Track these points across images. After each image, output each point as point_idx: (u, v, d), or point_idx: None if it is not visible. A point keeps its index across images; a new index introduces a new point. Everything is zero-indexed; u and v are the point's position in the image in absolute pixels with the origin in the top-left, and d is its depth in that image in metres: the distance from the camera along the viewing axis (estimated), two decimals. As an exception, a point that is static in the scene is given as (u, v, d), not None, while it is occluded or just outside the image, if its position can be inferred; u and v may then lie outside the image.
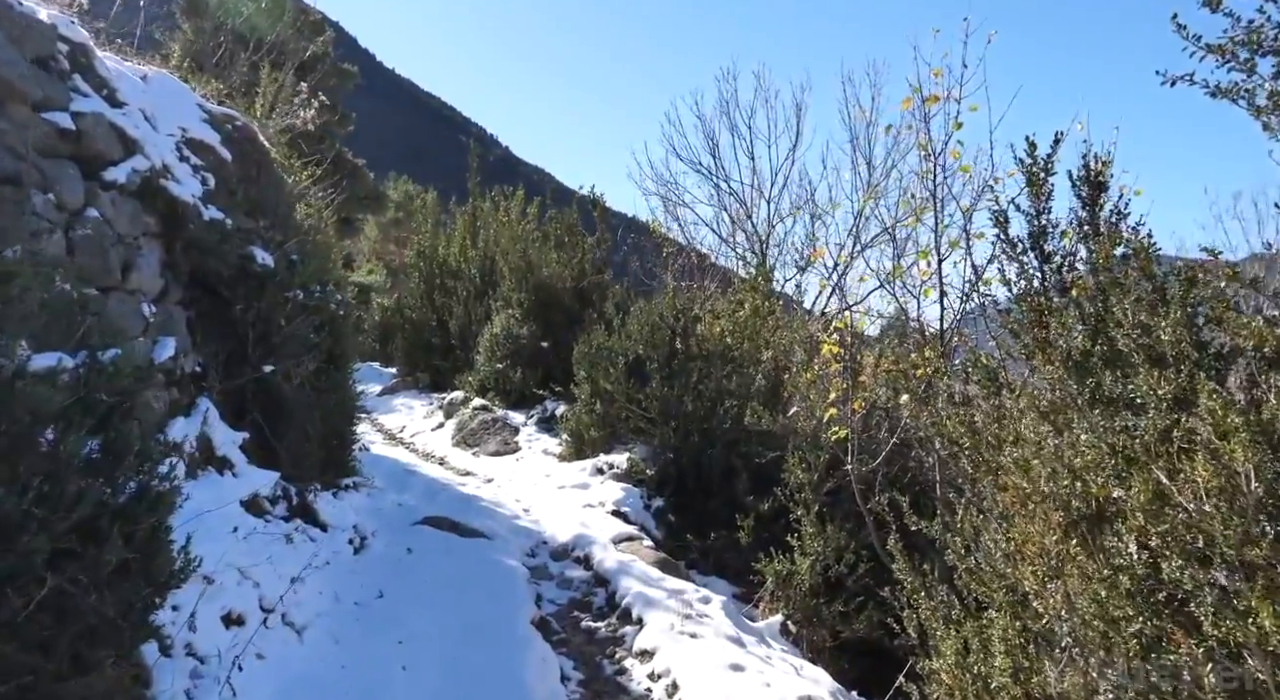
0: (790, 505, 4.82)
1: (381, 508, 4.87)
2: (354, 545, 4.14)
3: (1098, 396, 2.43)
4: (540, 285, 8.08)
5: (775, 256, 10.79)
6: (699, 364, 6.11)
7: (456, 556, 4.24)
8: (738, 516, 5.19)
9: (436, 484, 5.74)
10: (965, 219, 4.25)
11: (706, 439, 5.84)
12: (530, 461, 6.59)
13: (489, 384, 7.93)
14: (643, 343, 6.33)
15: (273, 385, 4.17)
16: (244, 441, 3.96)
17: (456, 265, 9.87)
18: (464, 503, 5.33)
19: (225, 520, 3.17)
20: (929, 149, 4.41)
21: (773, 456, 5.62)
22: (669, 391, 6.01)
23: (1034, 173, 3.13)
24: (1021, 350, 3.08)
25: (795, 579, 4.62)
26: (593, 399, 6.47)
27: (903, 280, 4.55)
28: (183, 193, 3.77)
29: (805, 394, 4.74)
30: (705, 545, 5.44)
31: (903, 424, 4.06)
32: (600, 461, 6.08)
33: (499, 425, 7.22)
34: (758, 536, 5.26)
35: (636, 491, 5.67)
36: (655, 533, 5.52)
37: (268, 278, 4.25)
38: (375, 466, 5.95)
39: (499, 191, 10.27)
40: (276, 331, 4.24)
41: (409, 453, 7.08)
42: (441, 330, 9.48)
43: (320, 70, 16.23)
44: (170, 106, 4.15)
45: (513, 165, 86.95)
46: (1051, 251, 3.10)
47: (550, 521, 5.13)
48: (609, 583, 4.22)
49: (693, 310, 6.28)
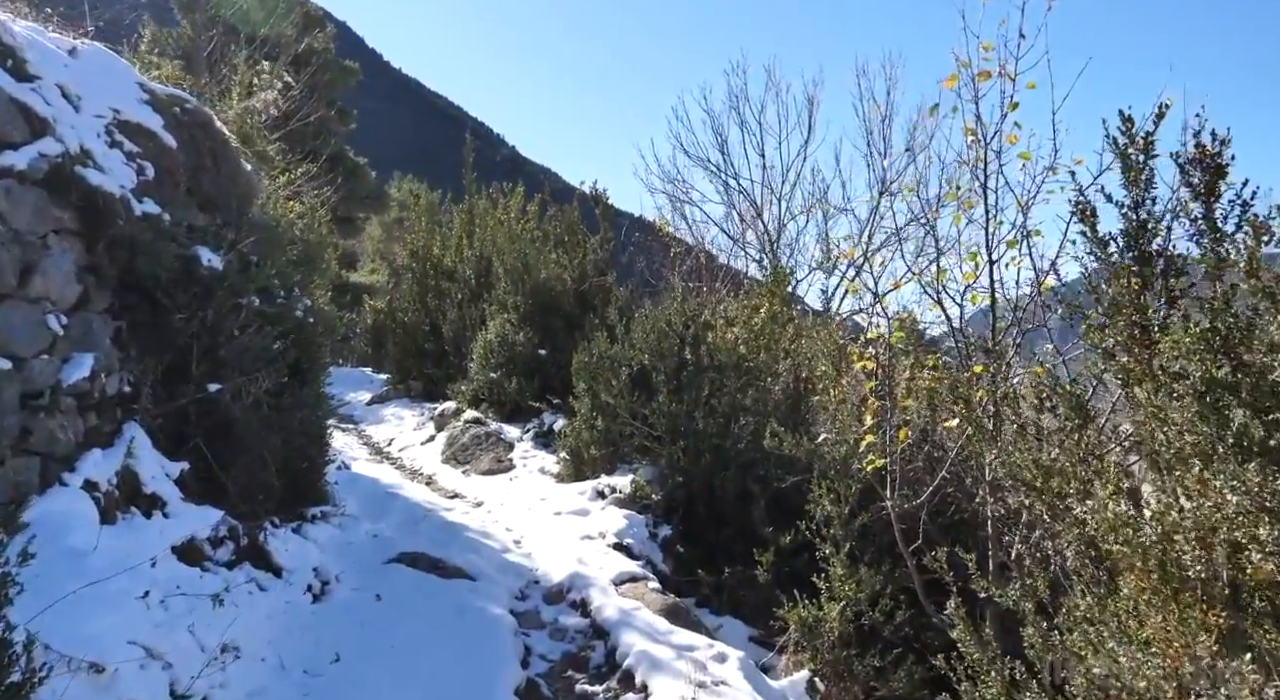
0: (816, 540, 4.23)
1: (352, 542, 4.30)
2: (313, 593, 3.57)
3: (1246, 445, 1.84)
4: (538, 288, 7.51)
5: (787, 257, 10.21)
6: (711, 376, 5.52)
7: (433, 603, 3.67)
8: (755, 550, 4.61)
9: (419, 509, 5.17)
10: (1022, 213, 3.65)
11: (719, 460, 5.25)
12: (525, 482, 6.02)
13: (482, 394, 7.36)
14: (648, 351, 5.75)
15: (220, 406, 3.61)
16: (182, 473, 3.40)
17: (452, 266, 9.32)
18: (448, 533, 4.76)
19: (139, 580, 2.61)
20: (978, 133, 3.81)
21: (794, 481, 5.03)
22: (677, 406, 5.42)
23: (1130, 155, 2.54)
24: (1117, 375, 2.49)
25: (823, 627, 4.03)
26: (593, 413, 5.89)
27: (943, 284, 3.95)
28: (107, 183, 3.21)
29: (833, 415, 4.15)
30: (718, 581, 4.85)
31: (951, 455, 3.46)
32: (601, 484, 5.50)
33: (492, 440, 6.65)
34: (777, 572, 4.67)
35: (641, 519, 5.09)
36: (662, 566, 4.94)
37: (216, 282, 3.69)
38: (353, 488, 5.39)
39: (497, 188, 9.71)
40: (226, 343, 3.68)
41: (394, 470, 6.52)
42: (435, 335, 8.92)
43: (315, 63, 15.75)
44: (102, 84, 3.59)
45: (519, 165, 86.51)
46: (1153, 252, 2.51)
47: (544, 555, 4.56)
48: (609, 635, 3.64)
49: (703, 316, 5.69)
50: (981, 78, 3.69)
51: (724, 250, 10.62)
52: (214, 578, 3.12)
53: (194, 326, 3.54)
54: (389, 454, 7.17)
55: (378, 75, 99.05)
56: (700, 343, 5.53)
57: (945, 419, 3.62)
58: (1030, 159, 3.60)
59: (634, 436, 5.65)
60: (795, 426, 5.31)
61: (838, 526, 4.10)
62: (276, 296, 4.32)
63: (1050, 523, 2.57)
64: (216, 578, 3.14)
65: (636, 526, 4.97)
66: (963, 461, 3.67)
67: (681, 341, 5.57)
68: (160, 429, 3.48)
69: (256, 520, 3.69)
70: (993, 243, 3.82)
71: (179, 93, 4.17)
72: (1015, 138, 3.66)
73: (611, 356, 5.93)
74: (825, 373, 5.04)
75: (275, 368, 4.04)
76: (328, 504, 4.70)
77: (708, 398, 5.47)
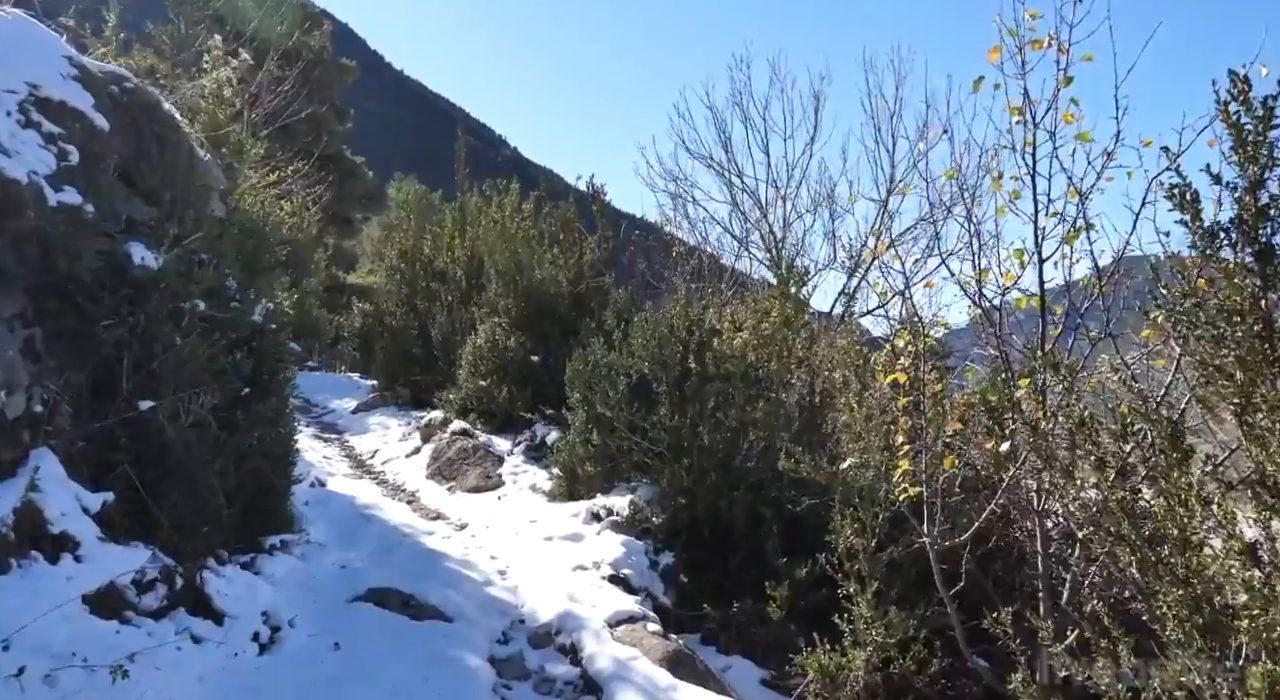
0: (838, 575, 3.74)
1: (315, 575, 3.82)
2: (260, 642, 3.08)
3: None
4: (531, 290, 7.02)
5: (792, 257, 9.73)
6: (717, 386, 5.03)
7: (401, 655, 3.19)
8: (768, 584, 4.12)
9: (396, 534, 4.69)
10: (1080, 201, 3.16)
11: (726, 480, 4.76)
12: (514, 500, 5.54)
13: (471, 404, 6.87)
14: (649, 359, 5.26)
15: (154, 426, 3.13)
16: (105, 506, 2.92)
17: (444, 267, 8.84)
18: (426, 562, 4.28)
19: (19, 650, 2.12)
20: (1027, 112, 3.32)
21: (810, 504, 4.55)
22: (680, 420, 4.93)
23: (1243, 128, 2.06)
24: (1229, 399, 2.01)
25: (847, 676, 3.55)
26: (589, 426, 5.40)
27: (983, 285, 3.47)
28: (12, 168, 2.74)
29: (858, 434, 3.66)
30: (726, 616, 4.36)
31: (1001, 483, 2.96)
32: (597, 505, 5.02)
33: (480, 454, 6.16)
34: (793, 607, 4.19)
35: (640, 545, 4.60)
36: (663, 598, 4.45)
37: (150, 283, 3.21)
38: (325, 509, 4.92)
39: (491, 185, 9.23)
40: (163, 353, 3.20)
41: (374, 486, 6.04)
42: (424, 340, 8.45)
43: (306, 58, 15.30)
44: (19, 56, 3.12)
45: (521, 166, 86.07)
46: (1275, 246, 2.02)
47: (532, 589, 4.07)
48: (602, 691, 3.16)
49: (708, 320, 5.20)
50: (1035, 47, 3.20)
51: (729, 250, 10.17)
52: (133, 633, 2.64)
53: (120, 335, 3.07)
54: (371, 468, 6.69)
55: (380, 77, 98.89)
56: (706, 350, 5.04)
57: (987, 441, 3.12)
58: (1090, 140, 3.11)
59: (633, 452, 5.16)
60: (811, 444, 4.82)
61: (863, 561, 3.62)
62: (230, 299, 3.85)
63: (1141, 579, 2.09)
64: (137, 632, 2.66)
65: (635, 554, 4.48)
66: (1010, 489, 3.17)
67: (685, 348, 5.08)
68: (82, 455, 3.00)
69: (198, 557, 3.21)
70: (1042, 237, 3.33)
71: (118, 70, 3.70)
72: (1072, 116, 3.18)
73: (609, 364, 5.44)
74: (846, 385, 4.56)
75: (225, 380, 3.57)
76: (292, 530, 4.22)
77: (714, 410, 4.99)
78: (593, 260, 7.16)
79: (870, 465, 3.44)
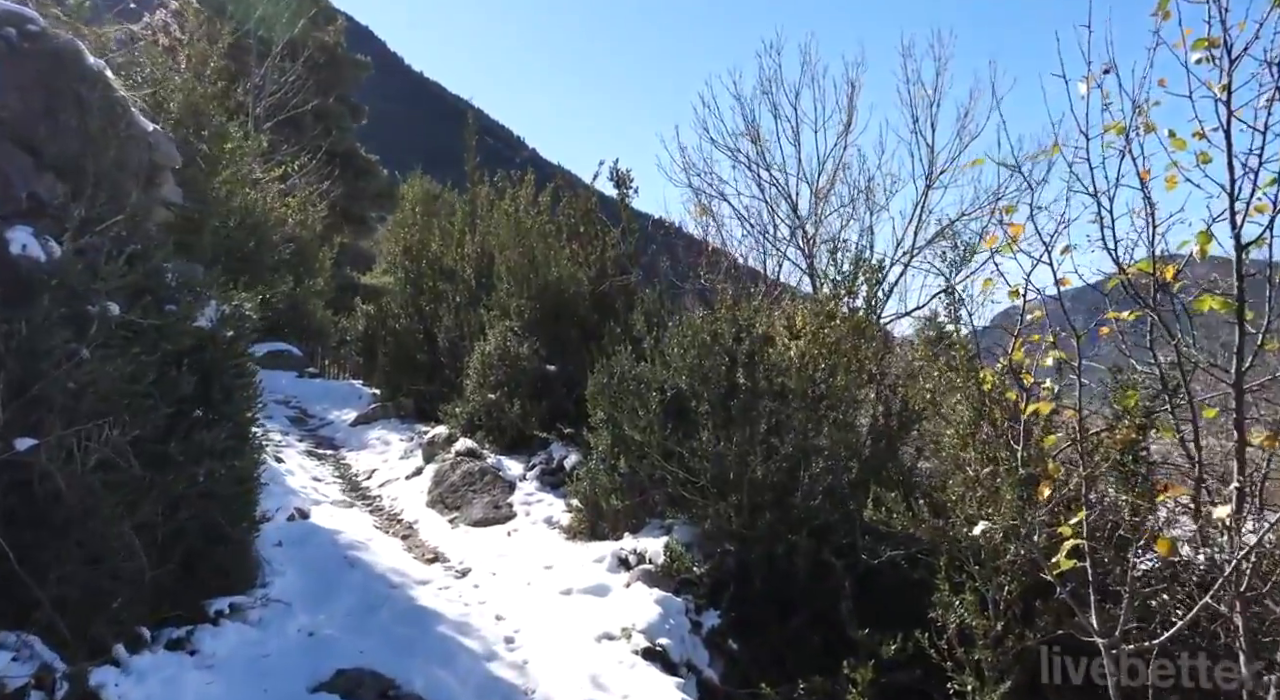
0: (945, 662, 2.86)
1: (270, 653, 3.00)
2: (175, 766, 2.27)
3: None
4: (547, 289, 6.19)
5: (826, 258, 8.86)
6: (770, 405, 4.16)
7: (367, 776, 2.36)
8: (845, 661, 3.24)
9: (383, 585, 3.88)
10: None
11: (784, 521, 3.90)
12: (527, 537, 4.71)
13: (479, 419, 6.06)
14: (687, 371, 4.41)
15: (36, 471, 2.33)
16: (-44, 586, 2.11)
17: (453, 265, 8.05)
18: (415, 626, 3.45)
19: None
20: (1223, 44, 2.43)
21: (891, 555, 3.65)
22: (726, 446, 4.07)
23: None
24: None
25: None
26: (614, 451, 4.56)
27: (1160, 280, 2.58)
28: None
29: (974, 482, 2.77)
30: (789, 695, 3.49)
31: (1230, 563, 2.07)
32: (625, 548, 4.17)
33: (488, 479, 5.34)
34: (879, 691, 3.31)
35: (678, 603, 3.74)
36: (708, 671, 3.59)
37: (40, 281, 2.41)
38: (301, 550, 4.12)
39: (504, 177, 8.42)
40: (52, 372, 2.40)
41: (367, 515, 5.24)
42: (429, 345, 7.65)
43: (311, 48, 14.64)
44: None
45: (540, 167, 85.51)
46: None
47: (545, 668, 3.23)
48: None
49: (759, 325, 4.33)
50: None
51: (756, 250, 9.32)
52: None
53: (-11, 348, 2.27)
54: (365, 492, 5.90)
55: (399, 79, 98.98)
56: (757, 361, 4.18)
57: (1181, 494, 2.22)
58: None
59: (667, 483, 4.30)
60: (890, 479, 3.94)
61: (983, 649, 2.73)
62: (166, 302, 3.05)
63: None
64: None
65: (674, 616, 3.62)
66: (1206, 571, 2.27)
67: (732, 359, 4.22)
68: (-67, 511, 2.21)
69: (99, 646, 2.41)
70: (1245, 210, 2.44)
71: (19, 9, 2.91)
72: None
73: (638, 377, 4.59)
74: (933, 403, 3.68)
75: (150, 404, 2.77)
76: (250, 586, 3.43)
77: (767, 434, 4.11)
78: (617, 256, 6.32)
79: (1002, 524, 2.54)
